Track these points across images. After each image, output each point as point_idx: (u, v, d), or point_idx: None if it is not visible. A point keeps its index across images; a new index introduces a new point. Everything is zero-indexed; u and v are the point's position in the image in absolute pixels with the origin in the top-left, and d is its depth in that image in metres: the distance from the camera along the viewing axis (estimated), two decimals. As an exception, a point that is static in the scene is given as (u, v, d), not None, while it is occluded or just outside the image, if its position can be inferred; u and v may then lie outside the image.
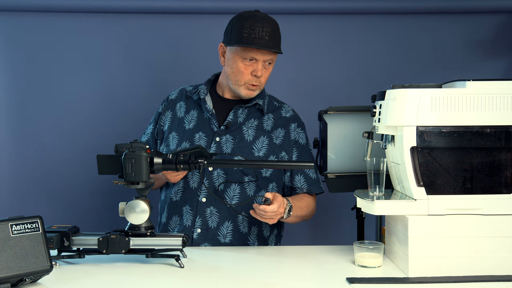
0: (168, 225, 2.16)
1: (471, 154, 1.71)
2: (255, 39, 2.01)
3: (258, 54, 2.04)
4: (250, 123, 2.15)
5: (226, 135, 2.11)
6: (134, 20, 2.90)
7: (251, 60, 2.05)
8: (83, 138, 2.91)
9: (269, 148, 2.12)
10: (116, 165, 1.78)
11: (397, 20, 2.96)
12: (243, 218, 2.09)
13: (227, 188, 2.08)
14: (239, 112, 2.15)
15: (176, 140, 2.15)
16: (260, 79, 2.08)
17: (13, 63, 2.88)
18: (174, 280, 1.64)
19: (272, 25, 2.06)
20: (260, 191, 2.11)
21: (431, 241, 1.67)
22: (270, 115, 2.18)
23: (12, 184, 2.91)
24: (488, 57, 2.97)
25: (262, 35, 2.01)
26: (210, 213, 2.08)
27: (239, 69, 2.07)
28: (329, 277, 1.67)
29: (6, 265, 1.49)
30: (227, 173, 2.08)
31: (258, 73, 2.06)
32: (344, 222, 2.94)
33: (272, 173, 2.13)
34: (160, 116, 2.24)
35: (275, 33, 2.06)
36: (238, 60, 2.06)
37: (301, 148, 2.19)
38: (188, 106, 2.20)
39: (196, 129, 2.14)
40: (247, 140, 2.12)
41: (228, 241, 2.08)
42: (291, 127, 2.19)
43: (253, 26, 2.02)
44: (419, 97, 1.68)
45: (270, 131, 2.15)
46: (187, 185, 2.11)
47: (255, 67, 2.06)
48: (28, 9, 2.84)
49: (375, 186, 1.81)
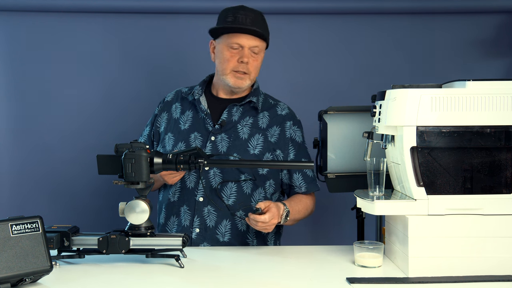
0: (166, 226, 2.16)
1: (471, 154, 1.71)
2: (237, 23, 2.05)
3: (242, 39, 2.07)
4: (245, 121, 2.15)
5: (221, 134, 2.12)
6: (134, 20, 2.90)
7: (236, 48, 2.08)
8: (83, 138, 2.91)
9: (264, 145, 2.12)
10: (116, 165, 1.78)
11: (397, 20, 2.96)
12: (241, 217, 2.09)
13: (224, 186, 2.08)
14: (233, 111, 2.15)
15: (172, 141, 2.15)
16: (247, 67, 2.09)
17: (13, 63, 2.88)
18: (174, 280, 1.64)
19: (256, 14, 2.10)
20: (257, 188, 2.11)
21: (431, 241, 1.67)
22: (266, 113, 2.19)
23: (12, 184, 2.91)
24: (488, 57, 2.97)
25: (245, 21, 2.06)
26: (208, 212, 2.08)
27: (225, 57, 2.10)
28: (329, 277, 1.67)
29: (6, 265, 1.49)
30: (223, 171, 2.09)
31: (244, 59, 2.07)
32: (344, 222, 2.94)
33: (268, 171, 2.13)
34: (156, 118, 2.25)
35: (259, 21, 2.09)
36: (224, 49, 2.10)
37: (298, 146, 2.19)
38: (184, 107, 2.21)
39: (191, 129, 2.15)
40: (242, 138, 2.12)
41: (227, 239, 2.08)
42: (287, 125, 2.18)
43: (236, 14, 2.07)
44: (419, 97, 1.68)
45: (265, 129, 2.15)
46: (184, 185, 2.11)
47: (241, 54, 2.08)
48: (28, 9, 2.85)
49: (375, 186, 1.81)
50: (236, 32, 2.07)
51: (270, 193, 2.16)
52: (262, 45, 2.13)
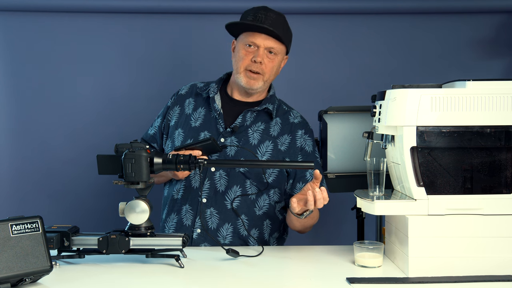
0: (166, 222, 2.16)
1: (471, 154, 1.71)
2: (256, 22, 2.03)
3: (258, 39, 2.04)
4: (257, 127, 2.13)
5: (231, 137, 2.10)
6: (134, 20, 2.90)
7: (252, 46, 2.06)
8: (83, 138, 2.91)
9: (273, 153, 2.10)
10: (116, 165, 1.78)
11: (397, 20, 2.96)
12: (243, 221, 2.08)
13: (228, 189, 2.08)
14: (247, 116, 2.13)
15: (181, 137, 2.13)
16: (261, 67, 2.06)
17: (13, 63, 2.88)
18: (174, 280, 1.64)
19: (278, 16, 2.07)
20: (262, 195, 2.10)
21: (431, 241, 1.66)
22: (278, 120, 2.16)
23: (12, 184, 2.91)
24: (488, 57, 2.97)
25: (264, 21, 2.03)
26: (210, 214, 2.07)
27: (240, 55, 2.08)
28: (329, 277, 1.67)
29: (6, 265, 1.49)
30: (229, 175, 2.07)
31: (257, 58, 2.05)
32: (344, 222, 2.94)
33: (274, 179, 2.10)
34: (168, 110, 2.22)
35: (279, 22, 2.06)
36: (241, 48, 2.08)
37: (307, 155, 2.14)
38: (197, 103, 2.18)
39: (202, 128, 2.13)
40: (252, 143, 2.10)
41: (228, 242, 2.07)
42: (298, 133, 2.15)
43: (257, 13, 2.05)
44: (419, 97, 1.68)
45: (276, 136, 2.13)
46: (189, 184, 2.10)
47: (256, 53, 2.06)
48: (28, 9, 2.84)
49: (375, 186, 1.81)
50: (252, 30, 2.05)
51: (274, 201, 2.13)
52: (280, 48, 2.09)
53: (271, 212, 2.12)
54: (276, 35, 2.03)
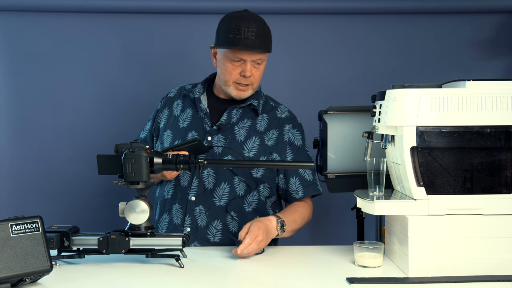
0: (158, 223, 2.17)
1: (471, 154, 1.71)
2: (240, 39, 2.00)
3: (245, 55, 2.04)
4: (243, 123, 2.14)
5: (218, 134, 2.11)
6: (134, 20, 2.89)
7: (239, 61, 2.05)
8: (83, 138, 2.90)
9: (260, 149, 2.11)
10: (116, 165, 1.78)
11: (397, 20, 2.96)
12: (232, 218, 2.09)
13: (217, 187, 2.08)
14: (233, 113, 2.14)
15: (170, 138, 2.15)
16: (250, 79, 2.08)
17: (13, 63, 2.88)
18: (174, 280, 1.64)
19: (259, 24, 2.05)
20: (251, 191, 2.10)
21: (431, 241, 1.67)
22: (265, 116, 2.17)
23: (12, 184, 2.90)
24: (488, 57, 2.97)
25: (248, 35, 2.01)
26: (199, 212, 2.08)
27: (227, 69, 2.07)
28: (329, 277, 1.67)
29: (6, 265, 1.49)
30: (217, 172, 2.08)
31: (246, 73, 2.05)
32: (344, 222, 2.94)
33: (263, 174, 2.11)
34: (157, 113, 2.25)
35: (262, 32, 2.05)
36: (226, 61, 2.07)
37: (297, 149, 2.15)
38: (185, 105, 2.21)
39: (189, 128, 2.15)
40: (238, 140, 2.11)
41: (218, 240, 2.07)
42: (285, 128, 2.16)
43: (239, 26, 2.01)
44: (419, 97, 1.68)
45: (263, 132, 2.14)
46: (178, 184, 2.11)
47: (243, 67, 2.06)
48: (28, 9, 2.84)
49: (375, 186, 1.81)
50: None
51: (264, 196, 2.13)
52: (265, 56, 2.09)
53: (261, 208, 2.12)
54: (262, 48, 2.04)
